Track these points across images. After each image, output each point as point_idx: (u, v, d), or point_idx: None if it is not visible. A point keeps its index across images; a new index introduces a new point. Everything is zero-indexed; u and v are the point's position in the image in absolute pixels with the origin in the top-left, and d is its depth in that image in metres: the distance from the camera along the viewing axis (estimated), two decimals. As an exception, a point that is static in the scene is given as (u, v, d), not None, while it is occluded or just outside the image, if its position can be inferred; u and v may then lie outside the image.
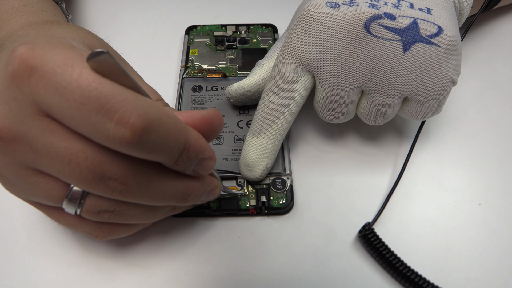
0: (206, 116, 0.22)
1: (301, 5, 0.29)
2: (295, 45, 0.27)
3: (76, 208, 0.20)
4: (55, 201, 0.20)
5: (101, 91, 0.17)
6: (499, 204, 0.29)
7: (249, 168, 0.28)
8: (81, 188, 0.20)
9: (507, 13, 0.41)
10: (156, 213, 0.23)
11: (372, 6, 0.26)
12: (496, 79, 0.36)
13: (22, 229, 0.27)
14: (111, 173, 0.19)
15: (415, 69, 0.26)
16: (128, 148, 0.17)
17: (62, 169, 0.18)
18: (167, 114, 0.19)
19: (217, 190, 0.25)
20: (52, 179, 0.20)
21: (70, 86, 0.17)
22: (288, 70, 0.27)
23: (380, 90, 0.26)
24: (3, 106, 0.18)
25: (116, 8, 0.42)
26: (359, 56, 0.26)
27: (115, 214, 0.21)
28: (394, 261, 0.25)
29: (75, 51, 0.18)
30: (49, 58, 0.18)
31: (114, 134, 0.17)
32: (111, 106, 0.17)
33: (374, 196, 0.29)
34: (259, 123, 0.28)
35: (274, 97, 0.27)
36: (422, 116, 0.28)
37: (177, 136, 0.19)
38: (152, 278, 0.26)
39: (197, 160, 0.21)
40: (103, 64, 0.17)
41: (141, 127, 0.17)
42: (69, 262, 0.26)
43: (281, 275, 0.26)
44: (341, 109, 0.28)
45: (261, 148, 0.27)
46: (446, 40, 0.26)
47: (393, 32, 0.25)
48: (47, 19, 0.27)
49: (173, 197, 0.22)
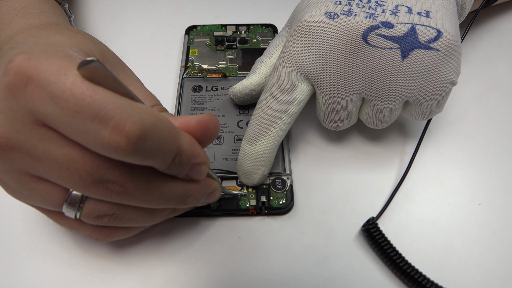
0: (201, 121, 0.22)
1: (299, 12, 0.29)
2: (295, 54, 0.27)
3: (76, 212, 0.21)
4: (55, 205, 0.21)
5: (95, 99, 0.17)
6: (499, 204, 0.29)
7: (246, 176, 0.28)
8: (81, 192, 0.20)
9: (507, 12, 0.41)
10: (156, 216, 0.23)
11: (369, 15, 0.26)
12: (497, 80, 0.36)
13: (22, 229, 0.27)
14: (109, 176, 0.19)
15: (414, 75, 0.26)
16: (124, 155, 0.17)
17: (61, 174, 0.19)
18: (161, 120, 0.19)
19: (216, 192, 0.25)
20: (51, 184, 0.20)
21: (64, 94, 0.17)
22: (287, 76, 0.27)
23: (381, 97, 0.27)
24: (0, 116, 0.18)
25: (116, 8, 0.42)
26: (358, 66, 0.26)
27: (114, 218, 0.21)
28: (396, 257, 0.25)
29: (70, 59, 0.18)
30: (44, 67, 0.18)
31: (109, 141, 0.17)
32: (105, 114, 0.17)
33: (374, 196, 0.29)
34: (255, 129, 0.27)
35: (272, 102, 0.27)
36: (424, 116, 0.28)
37: (171, 142, 0.19)
38: (152, 278, 0.26)
39: (189, 165, 0.21)
40: (94, 71, 0.17)
41: (137, 135, 0.17)
42: (69, 263, 0.26)
43: (281, 275, 0.26)
44: (343, 117, 0.28)
45: (256, 157, 0.27)
46: (445, 44, 0.26)
47: (391, 40, 0.25)
48: (47, 21, 0.27)
49: (171, 199, 0.22)
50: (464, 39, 0.37)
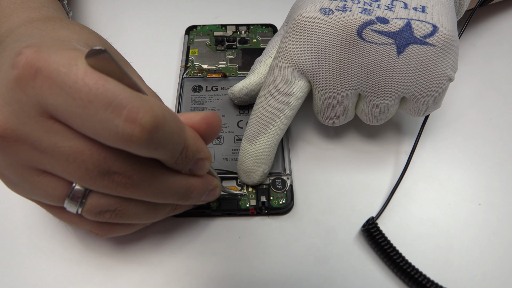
0: (205, 117, 0.22)
1: (295, 9, 0.29)
2: (291, 51, 0.27)
3: (78, 207, 0.21)
4: (57, 200, 0.20)
5: (108, 88, 0.17)
6: (499, 204, 0.29)
7: (247, 174, 0.28)
8: (86, 186, 0.20)
9: (505, 10, 0.41)
10: (157, 212, 0.23)
11: (364, 11, 0.26)
12: (496, 78, 0.36)
13: (22, 228, 0.27)
14: (116, 168, 0.19)
15: (410, 71, 0.26)
16: (137, 144, 0.17)
17: (67, 167, 0.19)
18: (169, 111, 0.19)
19: (217, 190, 0.25)
20: (54, 178, 0.20)
21: (77, 84, 0.17)
22: (284, 73, 0.27)
23: (377, 93, 0.27)
24: (6, 108, 0.18)
25: (117, 8, 0.42)
26: (354, 62, 0.26)
27: (116, 214, 0.21)
28: (396, 257, 0.25)
29: (78, 52, 0.18)
30: (54, 59, 0.18)
31: (123, 130, 0.17)
32: (118, 103, 0.17)
33: (374, 195, 0.29)
34: (255, 127, 0.27)
35: (270, 100, 0.27)
36: (422, 113, 0.28)
37: (180, 134, 0.20)
38: (153, 277, 0.26)
39: (194, 159, 0.21)
40: (102, 62, 0.17)
41: (150, 123, 0.17)
42: (69, 261, 0.26)
43: (281, 275, 0.26)
44: (339, 113, 0.28)
45: (257, 155, 0.27)
46: (441, 39, 0.25)
47: (386, 36, 0.25)
48: (48, 15, 0.27)
49: (175, 194, 0.22)
50: (462, 38, 0.36)
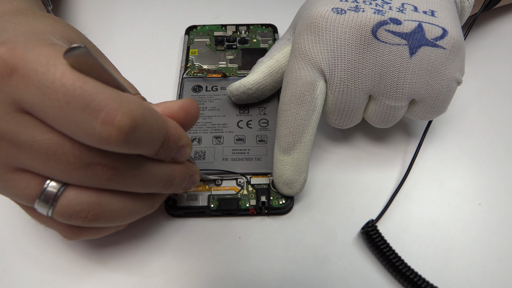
0: (183, 105, 0.22)
1: (305, 10, 0.28)
2: (307, 51, 0.26)
3: (48, 209, 0.20)
4: (28, 200, 0.20)
5: (86, 90, 0.17)
6: (499, 204, 0.29)
7: (289, 186, 0.27)
8: (68, 179, 0.19)
9: (507, 13, 0.41)
10: (132, 213, 0.22)
11: (377, 12, 0.26)
12: (497, 79, 0.36)
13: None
14: (98, 160, 0.19)
15: (422, 72, 0.26)
16: (114, 146, 0.17)
17: (47, 160, 0.18)
18: (149, 109, 0.19)
19: (196, 176, 0.25)
20: (27, 177, 0.19)
21: (54, 85, 0.17)
22: (306, 75, 0.26)
23: (388, 94, 0.27)
24: None
25: (116, 8, 0.42)
26: (368, 61, 0.26)
27: (89, 219, 0.20)
28: (395, 260, 0.25)
29: (56, 48, 0.18)
30: (31, 57, 0.17)
31: (100, 133, 0.17)
32: (96, 105, 0.17)
33: (374, 195, 0.29)
34: (289, 138, 0.27)
35: (298, 107, 0.26)
36: (429, 116, 0.28)
37: (159, 130, 0.20)
38: (153, 278, 0.26)
39: (176, 148, 0.22)
40: (81, 59, 0.17)
41: (128, 125, 0.17)
42: (68, 262, 0.26)
43: (281, 275, 0.26)
44: (350, 115, 0.28)
45: (296, 165, 0.27)
46: (451, 42, 0.26)
47: (400, 36, 0.26)
48: (20, 7, 0.26)
49: (159, 182, 0.22)
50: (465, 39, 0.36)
